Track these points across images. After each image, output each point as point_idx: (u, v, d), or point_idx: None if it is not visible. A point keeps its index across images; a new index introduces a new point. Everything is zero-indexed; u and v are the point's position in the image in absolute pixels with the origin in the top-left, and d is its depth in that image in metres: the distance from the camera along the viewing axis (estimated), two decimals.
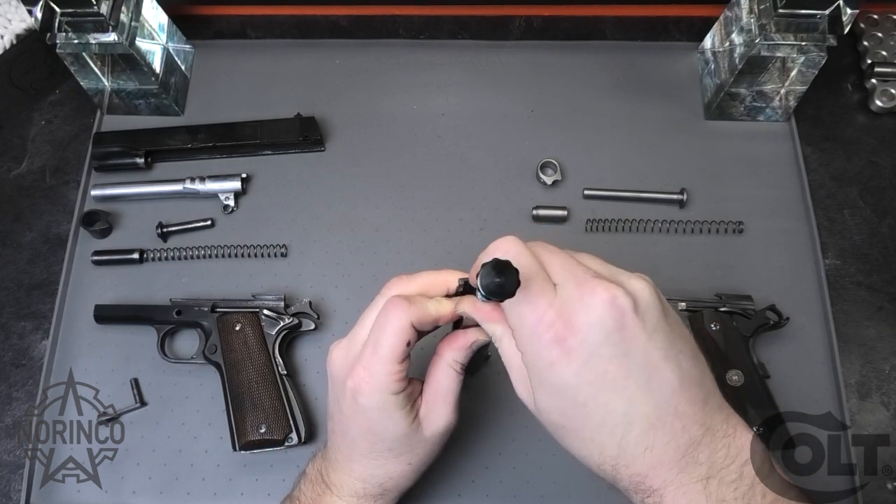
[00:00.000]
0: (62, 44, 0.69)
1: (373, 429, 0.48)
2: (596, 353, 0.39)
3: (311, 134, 0.75)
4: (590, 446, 0.41)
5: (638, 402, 0.39)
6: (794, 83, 0.73)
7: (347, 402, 0.48)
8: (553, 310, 0.40)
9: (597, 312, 0.39)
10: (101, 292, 0.71)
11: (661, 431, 0.39)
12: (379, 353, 0.46)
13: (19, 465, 0.65)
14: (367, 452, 0.49)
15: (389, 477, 0.50)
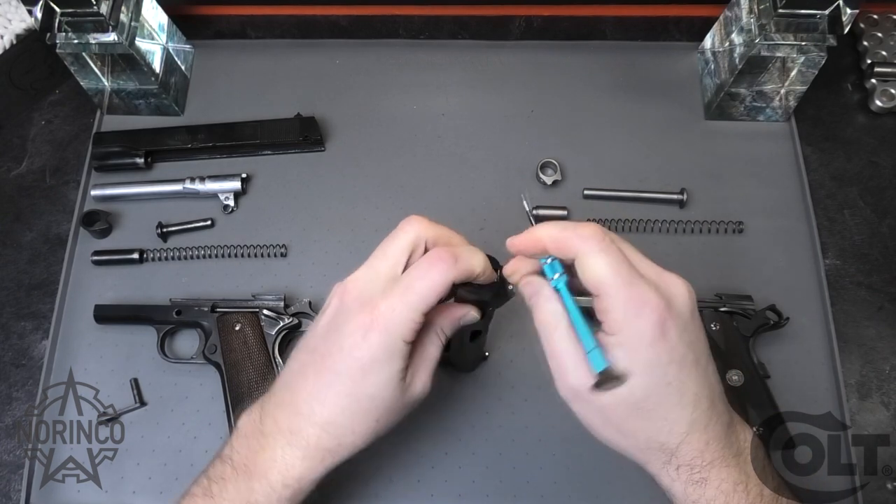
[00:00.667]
0: (62, 44, 0.69)
1: (365, 370, 0.45)
2: (681, 338, 0.42)
3: (311, 134, 0.75)
4: (661, 425, 0.44)
5: (703, 385, 0.44)
6: (794, 83, 0.73)
7: (351, 334, 0.45)
8: (656, 294, 0.42)
9: (684, 300, 0.43)
10: (101, 292, 0.71)
11: (714, 411, 0.44)
12: (408, 297, 0.45)
13: (19, 465, 0.65)
14: (344, 395, 0.46)
15: (352, 431, 0.47)
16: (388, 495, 0.63)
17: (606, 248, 0.42)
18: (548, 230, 0.44)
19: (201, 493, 0.48)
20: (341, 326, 0.46)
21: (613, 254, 0.42)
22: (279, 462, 0.47)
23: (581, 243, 0.43)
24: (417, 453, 0.65)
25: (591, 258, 0.42)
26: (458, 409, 0.66)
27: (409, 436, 0.65)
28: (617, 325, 0.42)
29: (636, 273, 0.42)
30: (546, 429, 0.65)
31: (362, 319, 0.45)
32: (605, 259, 0.42)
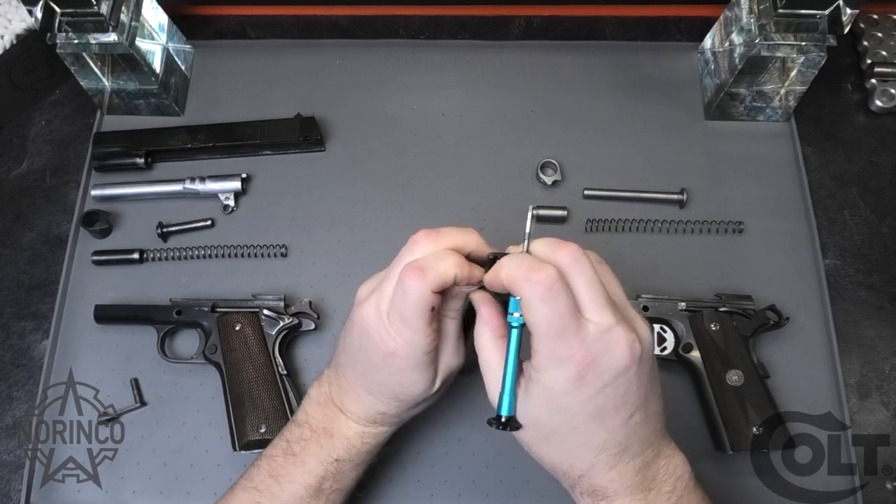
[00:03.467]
0: (62, 44, 0.69)
1: (402, 382, 0.50)
2: (602, 390, 0.43)
3: (311, 134, 0.75)
4: (564, 458, 0.47)
5: (617, 432, 0.45)
6: (794, 83, 0.73)
7: (380, 357, 0.49)
8: (583, 351, 0.43)
9: (616, 358, 0.43)
10: (101, 292, 0.71)
11: (626, 454, 0.45)
12: (407, 323, 0.47)
13: (19, 465, 0.65)
14: (390, 397, 0.52)
15: (401, 418, 0.54)
16: (388, 495, 0.63)
17: (550, 297, 0.42)
18: (507, 268, 0.45)
19: (281, 452, 0.54)
20: (368, 347, 0.50)
21: (553, 304, 0.42)
22: (355, 427, 0.53)
23: (528, 289, 0.43)
24: (417, 453, 0.65)
25: (532, 305, 0.43)
26: (458, 410, 0.66)
27: (409, 436, 0.65)
28: (541, 366, 0.44)
29: (573, 326, 0.42)
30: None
31: (384, 349, 0.49)
32: (544, 309, 0.43)
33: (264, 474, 0.54)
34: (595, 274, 0.44)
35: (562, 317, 0.42)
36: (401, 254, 0.51)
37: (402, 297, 0.47)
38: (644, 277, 0.70)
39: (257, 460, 0.55)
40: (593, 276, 0.44)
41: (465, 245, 0.50)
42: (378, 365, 0.50)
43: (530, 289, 0.43)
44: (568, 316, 0.42)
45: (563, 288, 0.43)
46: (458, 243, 0.50)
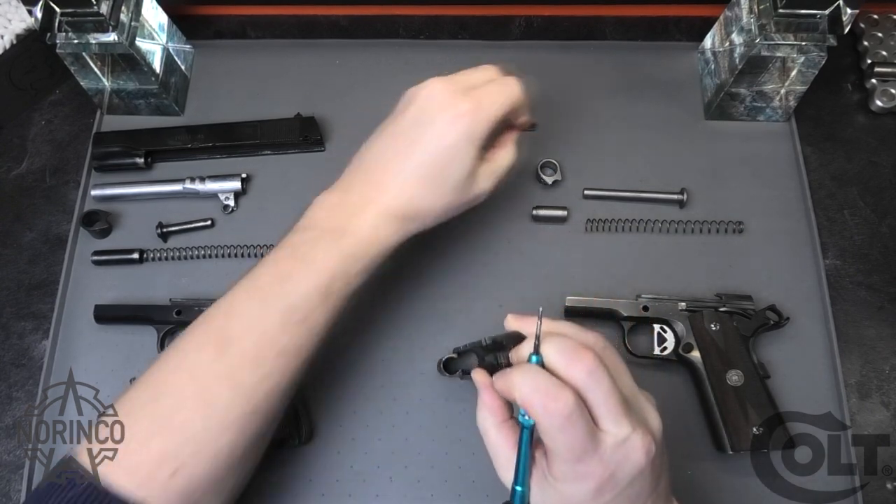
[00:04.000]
0: (62, 44, 0.69)
1: (449, 155, 0.54)
2: (620, 494, 0.44)
3: (311, 134, 0.75)
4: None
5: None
6: (794, 83, 0.73)
7: (443, 122, 0.54)
8: (602, 466, 0.43)
9: (633, 465, 0.43)
10: (101, 292, 0.71)
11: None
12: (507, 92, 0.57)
13: (19, 465, 0.65)
14: (427, 176, 0.55)
15: (429, 207, 0.56)
16: (388, 495, 0.63)
17: (569, 426, 0.42)
18: (521, 389, 0.44)
19: (287, 256, 0.54)
20: (434, 116, 0.54)
21: (572, 432, 0.42)
22: (369, 224, 0.54)
23: (545, 418, 0.42)
24: (417, 453, 0.65)
25: (550, 432, 0.43)
26: (458, 409, 0.66)
27: (409, 435, 0.65)
28: (558, 477, 0.44)
29: (591, 446, 0.42)
30: None
31: (460, 107, 0.54)
32: (562, 437, 0.42)
33: (269, 278, 0.53)
34: (612, 383, 0.44)
35: (581, 441, 0.42)
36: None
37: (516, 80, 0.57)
38: (644, 277, 0.70)
39: (256, 268, 0.54)
40: (610, 387, 0.43)
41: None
42: (433, 138, 0.54)
43: (548, 419, 0.42)
44: (587, 439, 0.42)
45: (581, 414, 0.42)
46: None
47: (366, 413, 0.66)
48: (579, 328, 0.48)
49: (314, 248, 0.53)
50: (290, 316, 0.51)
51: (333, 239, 0.53)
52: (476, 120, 0.54)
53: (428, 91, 0.56)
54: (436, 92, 0.55)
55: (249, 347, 0.50)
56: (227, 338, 0.50)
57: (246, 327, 0.50)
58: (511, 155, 0.60)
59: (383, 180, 0.55)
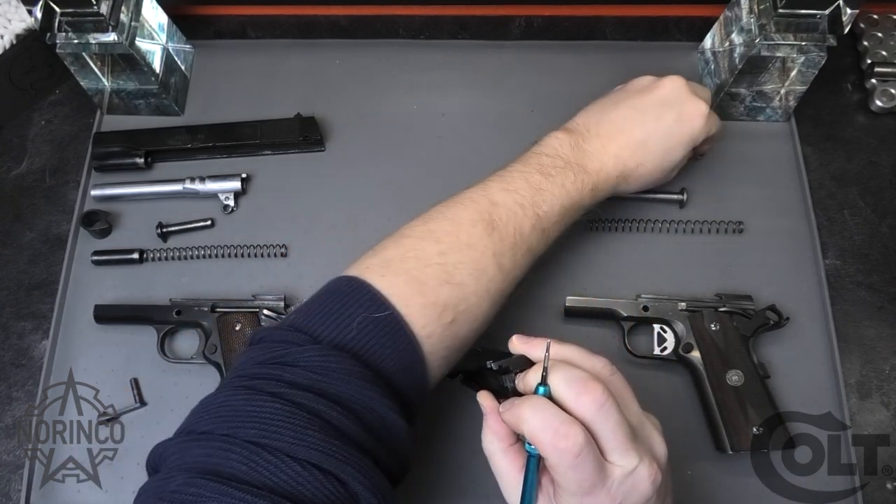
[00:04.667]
0: (62, 44, 0.69)
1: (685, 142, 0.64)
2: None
3: (311, 134, 0.75)
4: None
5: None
6: (794, 83, 0.73)
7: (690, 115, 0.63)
8: (609, 498, 0.43)
9: (640, 495, 0.44)
10: (101, 292, 0.71)
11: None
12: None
13: (19, 465, 0.65)
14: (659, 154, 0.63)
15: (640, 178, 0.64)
16: None
17: (578, 464, 0.42)
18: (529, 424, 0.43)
19: (537, 172, 0.58)
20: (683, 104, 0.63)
21: (581, 469, 0.42)
22: (603, 172, 0.61)
23: (555, 456, 0.42)
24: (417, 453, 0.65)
25: (559, 469, 0.43)
26: (458, 409, 0.66)
27: None
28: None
29: (600, 481, 0.43)
30: None
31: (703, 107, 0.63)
32: (571, 475, 0.42)
33: (524, 184, 0.57)
34: (620, 415, 0.44)
35: (590, 476, 0.42)
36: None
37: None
38: (644, 277, 0.70)
39: (503, 173, 0.59)
40: (619, 420, 0.43)
41: None
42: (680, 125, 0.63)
43: (558, 456, 0.42)
44: (595, 474, 0.42)
45: (590, 450, 0.42)
46: None
47: None
48: (586, 353, 0.48)
49: (562, 173, 0.58)
50: (539, 222, 0.57)
51: (578, 172, 0.59)
52: (708, 123, 0.64)
53: (675, 84, 0.63)
54: (681, 85, 0.63)
55: (509, 236, 0.55)
56: (493, 222, 0.55)
57: (508, 220, 0.56)
58: (682, 164, 0.67)
59: (625, 140, 0.61)
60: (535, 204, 0.57)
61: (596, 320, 0.68)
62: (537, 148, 0.61)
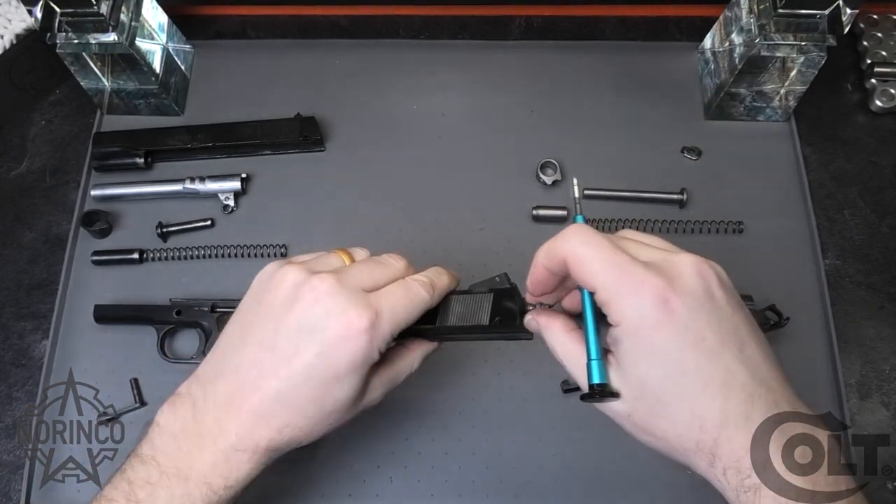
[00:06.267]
0: (62, 44, 0.69)
1: (340, 377, 0.44)
2: (693, 317, 0.39)
3: (311, 134, 0.75)
4: (688, 419, 0.39)
5: (735, 371, 0.39)
6: (794, 83, 0.73)
7: (337, 334, 0.43)
8: (652, 273, 0.39)
9: (690, 279, 0.39)
10: (101, 292, 0.71)
11: (758, 400, 0.39)
12: (412, 300, 0.46)
13: (19, 465, 0.65)
14: (311, 400, 0.44)
15: (308, 434, 0.46)
16: (388, 495, 0.63)
17: (590, 239, 0.40)
18: (541, 251, 0.43)
19: (123, 498, 0.44)
20: (322, 325, 0.43)
21: (599, 243, 0.40)
22: (222, 466, 0.44)
23: (564, 244, 0.41)
24: (417, 453, 0.65)
25: (577, 253, 0.40)
26: (458, 409, 0.66)
27: (409, 435, 0.65)
28: (619, 313, 0.39)
29: (629, 258, 0.39)
30: (546, 428, 0.65)
31: (357, 321, 0.43)
32: (590, 251, 0.40)
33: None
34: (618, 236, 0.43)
35: (614, 251, 0.40)
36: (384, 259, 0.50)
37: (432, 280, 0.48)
38: None
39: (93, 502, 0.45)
40: (620, 235, 0.43)
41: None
42: (323, 352, 0.43)
43: (567, 244, 0.41)
44: (620, 250, 0.40)
45: (603, 237, 0.41)
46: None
47: (365, 413, 0.66)
48: None
49: (153, 494, 0.43)
50: None
51: (177, 485, 0.43)
52: (375, 337, 0.44)
53: (313, 286, 0.44)
54: (324, 290, 0.44)
55: None
56: None
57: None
58: (416, 364, 0.50)
59: (249, 402, 0.44)
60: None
61: None
62: (146, 435, 0.46)
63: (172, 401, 0.46)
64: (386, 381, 0.48)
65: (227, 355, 0.46)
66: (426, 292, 0.47)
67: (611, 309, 0.40)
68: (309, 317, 0.44)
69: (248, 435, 0.44)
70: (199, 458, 0.44)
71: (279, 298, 0.45)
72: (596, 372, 0.41)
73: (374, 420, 0.65)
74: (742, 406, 0.39)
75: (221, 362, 0.46)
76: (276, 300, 0.45)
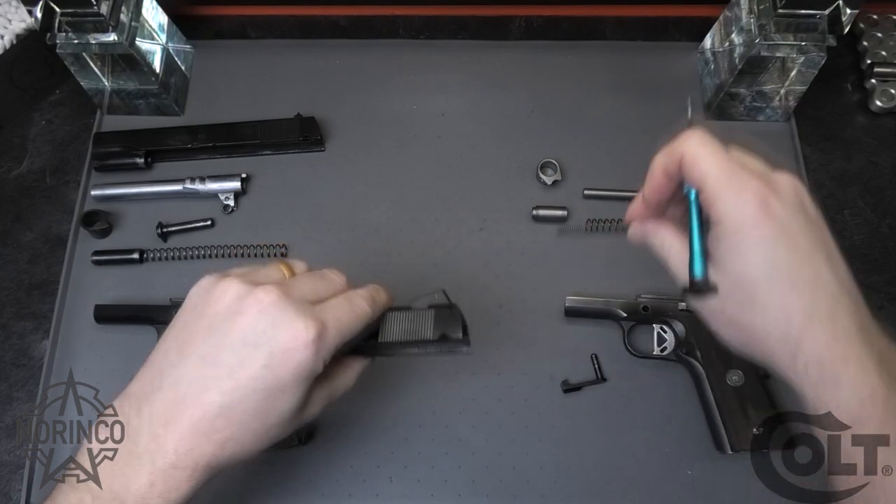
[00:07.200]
0: (62, 44, 0.69)
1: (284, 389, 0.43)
2: (789, 220, 0.42)
3: (311, 134, 0.75)
4: (777, 313, 0.42)
5: (823, 273, 0.42)
6: (794, 83, 0.73)
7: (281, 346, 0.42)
8: (756, 178, 0.43)
9: (788, 189, 0.44)
10: (101, 292, 0.71)
11: (842, 304, 0.42)
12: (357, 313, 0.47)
13: (19, 465, 0.65)
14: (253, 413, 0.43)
15: (249, 449, 0.45)
16: (388, 495, 0.63)
17: (707, 142, 0.44)
18: (659, 154, 0.47)
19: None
20: (267, 336, 0.43)
21: (713, 147, 0.44)
22: (160, 485, 0.42)
23: (684, 143, 0.45)
24: (417, 453, 0.65)
25: (693, 152, 0.44)
26: (458, 409, 0.66)
27: (409, 435, 0.65)
28: (722, 211, 0.42)
29: (738, 163, 0.43)
30: (546, 429, 0.65)
31: (303, 332, 0.42)
32: (705, 151, 0.43)
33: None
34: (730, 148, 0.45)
35: (725, 156, 0.44)
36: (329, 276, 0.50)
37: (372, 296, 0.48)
38: (644, 277, 0.70)
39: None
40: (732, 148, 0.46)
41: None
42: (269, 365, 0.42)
43: (685, 143, 0.45)
44: (730, 157, 0.44)
45: (718, 143, 0.44)
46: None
47: (365, 413, 0.66)
48: None
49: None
50: None
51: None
52: (321, 349, 0.43)
53: (258, 298, 0.43)
54: (270, 302, 0.43)
55: None
56: None
57: None
58: (353, 380, 0.50)
59: (190, 418, 0.43)
60: None
61: (596, 320, 0.68)
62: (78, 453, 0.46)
63: (102, 421, 0.44)
64: (325, 396, 0.48)
65: (164, 371, 0.45)
66: (369, 306, 0.48)
67: (716, 207, 0.43)
68: (255, 329, 0.43)
69: (188, 452, 0.43)
70: (135, 479, 0.43)
71: (221, 311, 0.44)
72: (699, 267, 0.44)
73: (374, 420, 0.65)
74: (828, 305, 0.42)
75: (159, 378, 0.45)
76: (218, 313, 0.44)
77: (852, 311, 0.42)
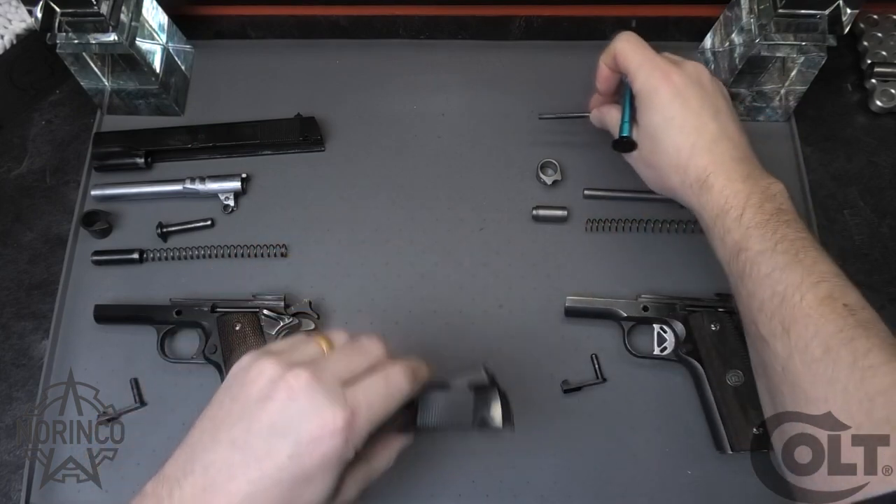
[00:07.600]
0: (62, 44, 0.69)
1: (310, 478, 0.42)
2: (686, 88, 0.59)
3: (311, 134, 0.75)
4: (671, 150, 0.58)
5: (707, 123, 0.58)
6: (794, 83, 0.73)
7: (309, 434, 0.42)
8: (666, 61, 0.60)
9: (689, 68, 0.60)
10: (101, 292, 0.71)
11: (720, 142, 0.57)
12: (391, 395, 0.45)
13: (19, 465, 0.65)
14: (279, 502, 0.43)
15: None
16: (388, 495, 0.63)
17: (632, 39, 0.61)
18: (602, 54, 0.63)
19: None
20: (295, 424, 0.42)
21: (636, 42, 0.61)
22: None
23: (616, 42, 0.61)
24: (417, 453, 0.65)
25: (621, 47, 0.61)
26: None
27: None
28: (639, 84, 0.59)
29: (654, 54, 0.60)
30: (546, 429, 0.65)
31: (332, 419, 0.42)
32: (630, 45, 0.60)
33: None
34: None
35: (645, 47, 0.60)
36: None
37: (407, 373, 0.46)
38: (644, 277, 0.70)
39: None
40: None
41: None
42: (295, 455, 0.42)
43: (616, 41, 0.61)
44: (649, 48, 0.60)
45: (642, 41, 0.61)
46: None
47: None
48: None
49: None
50: None
51: None
52: (352, 437, 0.42)
53: (288, 384, 0.43)
54: (299, 387, 0.42)
55: None
56: None
57: None
58: (391, 460, 0.49)
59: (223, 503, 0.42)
60: None
61: (596, 320, 0.68)
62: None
63: (139, 501, 0.44)
64: (360, 480, 0.47)
65: (196, 454, 0.44)
66: (407, 384, 0.46)
67: (636, 83, 0.60)
68: (283, 416, 0.42)
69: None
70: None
71: (254, 395, 0.44)
72: (626, 128, 0.62)
73: None
74: (707, 142, 0.57)
75: (191, 461, 0.44)
76: (251, 397, 0.44)
77: (729, 148, 0.57)
